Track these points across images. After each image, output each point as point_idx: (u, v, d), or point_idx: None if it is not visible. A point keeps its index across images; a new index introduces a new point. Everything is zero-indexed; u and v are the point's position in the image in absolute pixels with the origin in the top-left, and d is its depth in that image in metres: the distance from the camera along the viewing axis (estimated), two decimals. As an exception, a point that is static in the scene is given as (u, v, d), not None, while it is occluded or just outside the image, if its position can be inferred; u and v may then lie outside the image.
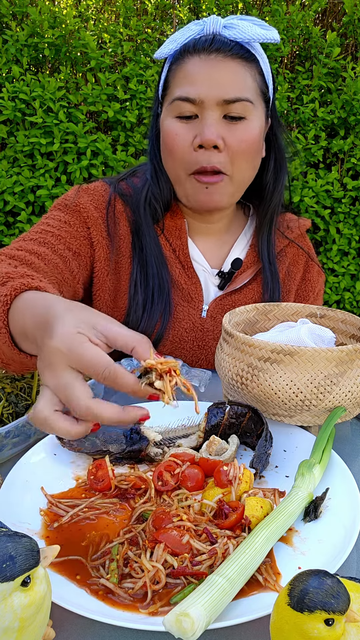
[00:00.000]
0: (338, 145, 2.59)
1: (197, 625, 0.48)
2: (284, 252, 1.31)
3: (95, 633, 0.54)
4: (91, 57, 2.40)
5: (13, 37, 2.35)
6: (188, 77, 1.06)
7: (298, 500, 0.67)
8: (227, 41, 1.05)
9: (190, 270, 1.22)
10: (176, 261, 1.22)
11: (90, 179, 2.52)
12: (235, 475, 0.71)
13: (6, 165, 2.43)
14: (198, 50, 1.05)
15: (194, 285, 1.22)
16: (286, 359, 0.81)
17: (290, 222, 1.33)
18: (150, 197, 1.19)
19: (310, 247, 1.38)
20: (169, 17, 2.65)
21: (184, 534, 0.62)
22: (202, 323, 1.22)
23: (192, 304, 1.22)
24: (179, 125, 1.08)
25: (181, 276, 1.22)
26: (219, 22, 1.05)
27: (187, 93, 1.05)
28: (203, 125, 1.05)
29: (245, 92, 1.06)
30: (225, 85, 1.04)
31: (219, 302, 1.23)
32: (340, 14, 2.71)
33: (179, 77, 1.07)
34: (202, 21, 1.07)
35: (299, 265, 1.33)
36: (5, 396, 0.89)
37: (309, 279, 1.33)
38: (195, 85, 1.04)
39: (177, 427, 0.89)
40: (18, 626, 0.43)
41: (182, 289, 1.22)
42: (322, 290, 1.38)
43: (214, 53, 1.04)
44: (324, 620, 0.43)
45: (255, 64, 1.09)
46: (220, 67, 1.04)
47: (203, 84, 1.04)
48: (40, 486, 0.74)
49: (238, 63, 1.05)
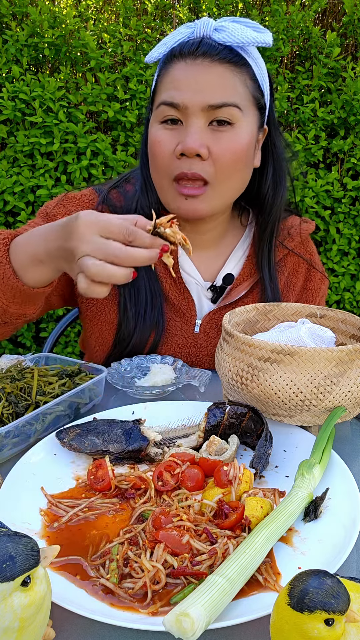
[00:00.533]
0: (338, 145, 2.58)
1: (197, 625, 0.48)
2: (283, 262, 1.26)
3: (95, 633, 0.54)
4: (91, 57, 2.40)
5: (13, 37, 2.35)
6: (174, 82, 1.02)
7: (298, 500, 0.67)
8: (214, 44, 1.01)
9: (181, 285, 1.18)
10: (166, 275, 1.17)
11: (90, 179, 2.52)
12: (235, 475, 0.71)
13: (6, 165, 2.43)
14: (184, 55, 1.01)
15: (186, 299, 1.18)
16: (286, 359, 0.81)
17: (291, 229, 1.27)
18: (139, 211, 1.15)
19: (313, 252, 1.32)
20: (168, 17, 2.65)
21: (184, 534, 0.62)
22: (195, 339, 1.19)
23: (184, 318, 1.19)
24: (163, 131, 1.04)
25: (172, 290, 1.18)
26: (209, 25, 1.01)
27: (171, 98, 1.01)
28: (186, 133, 1.01)
29: (233, 97, 1.01)
30: (211, 90, 1.00)
31: (212, 316, 1.19)
32: (340, 14, 2.71)
33: (166, 82, 1.04)
34: (193, 23, 1.03)
35: (299, 274, 1.28)
36: (5, 396, 0.89)
37: (310, 287, 1.29)
38: (180, 90, 1.01)
39: (177, 427, 0.89)
40: (18, 626, 0.43)
41: (174, 304, 1.18)
42: (324, 296, 1.33)
43: (200, 57, 1.00)
44: (324, 620, 0.43)
45: (247, 68, 1.04)
46: (206, 72, 1.00)
47: (188, 88, 1.00)
48: (40, 486, 0.74)
49: (226, 68, 1.01)
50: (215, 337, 1.20)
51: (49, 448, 0.82)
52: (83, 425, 0.84)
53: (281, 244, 1.24)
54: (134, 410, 0.93)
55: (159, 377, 1.03)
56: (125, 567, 0.60)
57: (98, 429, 0.83)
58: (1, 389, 0.90)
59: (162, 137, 1.04)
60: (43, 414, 0.87)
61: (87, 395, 0.96)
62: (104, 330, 1.21)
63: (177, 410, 0.93)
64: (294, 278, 1.27)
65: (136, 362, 1.12)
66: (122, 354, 1.17)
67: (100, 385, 0.99)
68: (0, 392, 0.90)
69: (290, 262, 1.27)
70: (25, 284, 0.94)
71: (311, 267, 1.29)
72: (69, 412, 0.93)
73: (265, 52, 2.54)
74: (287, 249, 1.25)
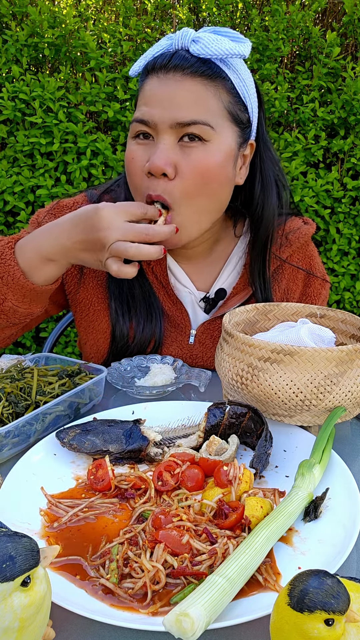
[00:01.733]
0: (338, 145, 2.58)
1: (197, 625, 0.48)
2: (280, 270, 1.22)
3: (95, 633, 0.55)
4: (91, 57, 2.40)
5: (13, 37, 2.35)
6: (145, 98, 1.00)
7: (298, 500, 0.67)
8: (188, 57, 0.96)
9: (173, 296, 1.16)
10: (159, 286, 1.16)
11: (90, 179, 2.52)
12: (235, 475, 0.71)
13: (6, 165, 2.43)
14: (157, 69, 0.98)
15: (179, 310, 1.17)
16: (286, 359, 0.81)
17: (290, 234, 1.21)
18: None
19: (313, 256, 1.27)
20: (168, 17, 2.65)
21: (183, 534, 0.62)
22: (190, 349, 1.18)
23: (179, 329, 1.17)
24: (137, 147, 1.01)
25: (165, 302, 1.16)
26: (187, 36, 0.97)
27: (142, 115, 0.99)
28: (154, 151, 0.97)
29: (203, 114, 0.97)
30: (180, 107, 0.96)
31: (207, 326, 1.18)
32: (340, 14, 2.71)
33: (140, 97, 1.02)
34: (173, 35, 1.00)
35: (297, 281, 1.24)
36: (5, 396, 0.89)
37: (309, 293, 1.25)
38: (150, 106, 0.98)
39: (177, 427, 0.89)
40: (18, 626, 0.43)
41: (168, 315, 1.17)
42: (325, 300, 1.28)
43: (171, 71, 0.96)
44: (324, 620, 0.43)
45: (223, 81, 0.99)
46: (177, 87, 0.96)
47: (157, 105, 0.97)
48: (40, 486, 0.74)
49: (197, 82, 0.96)
50: (211, 347, 1.18)
51: (49, 448, 0.82)
52: (83, 425, 0.84)
53: (275, 255, 1.19)
54: (134, 410, 0.93)
55: (159, 377, 1.03)
56: (125, 567, 0.60)
57: (98, 429, 0.83)
58: (1, 389, 0.90)
59: (135, 152, 1.02)
60: (43, 414, 0.87)
61: (87, 395, 0.96)
62: (98, 339, 1.21)
63: (177, 410, 0.93)
64: (292, 285, 1.24)
65: (136, 362, 1.12)
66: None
67: (100, 385, 0.99)
68: (0, 392, 0.90)
69: (288, 270, 1.23)
70: (34, 283, 0.99)
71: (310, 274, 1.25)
72: (69, 412, 0.93)
73: (265, 52, 2.54)
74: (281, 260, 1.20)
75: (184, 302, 1.18)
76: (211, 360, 1.19)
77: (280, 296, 1.22)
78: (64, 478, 0.77)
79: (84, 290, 1.20)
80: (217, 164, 0.99)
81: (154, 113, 0.97)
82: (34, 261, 0.98)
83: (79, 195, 1.23)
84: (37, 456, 0.79)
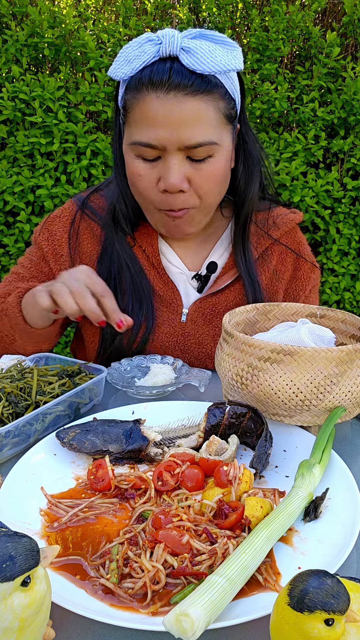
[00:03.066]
0: (338, 145, 2.58)
1: (197, 625, 0.48)
2: (269, 251, 1.25)
3: (95, 633, 0.54)
4: (90, 57, 2.40)
5: (13, 37, 2.35)
6: (147, 120, 0.99)
7: (298, 500, 0.67)
8: (186, 73, 0.96)
9: (165, 276, 1.20)
10: (151, 268, 1.20)
11: (90, 178, 2.52)
12: (235, 475, 0.71)
13: (6, 165, 2.43)
14: (155, 86, 0.96)
15: (171, 290, 1.21)
16: (286, 359, 0.81)
17: (277, 218, 1.27)
18: (117, 214, 1.18)
19: (302, 242, 1.30)
20: (168, 17, 2.65)
21: (183, 534, 0.62)
22: (183, 327, 1.20)
23: (171, 308, 1.21)
24: (143, 165, 1.04)
25: (157, 282, 1.20)
26: (175, 43, 0.95)
27: (147, 139, 0.99)
28: (166, 169, 1.00)
29: (209, 134, 1.00)
30: (187, 130, 0.97)
31: (198, 305, 1.21)
32: (340, 14, 2.71)
33: (138, 115, 1.00)
34: (157, 38, 0.96)
35: (287, 263, 1.27)
36: (5, 396, 0.89)
37: (299, 277, 1.28)
38: (155, 129, 0.98)
39: (177, 427, 0.89)
40: (18, 626, 0.43)
41: (160, 295, 1.20)
42: (316, 286, 1.32)
43: (172, 91, 0.96)
44: (324, 620, 0.43)
45: (219, 89, 1.00)
46: (180, 107, 0.96)
47: (164, 128, 0.97)
48: (40, 486, 0.74)
49: (199, 99, 0.97)
50: (202, 324, 1.21)
51: (49, 448, 0.82)
52: (83, 425, 0.84)
53: (266, 234, 1.24)
54: (134, 410, 0.93)
55: (159, 377, 1.03)
56: (125, 567, 0.60)
57: (98, 429, 0.83)
58: (1, 389, 0.90)
59: (142, 171, 1.04)
60: (43, 414, 0.87)
61: (87, 395, 0.96)
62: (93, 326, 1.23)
63: (177, 410, 0.93)
64: (282, 267, 1.27)
65: (136, 362, 1.12)
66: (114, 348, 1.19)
67: (100, 385, 0.99)
68: (0, 392, 0.90)
69: (277, 252, 1.26)
70: (33, 327, 1.11)
71: (299, 256, 1.28)
72: (69, 412, 0.93)
73: (265, 52, 2.55)
74: (272, 238, 1.25)
75: (176, 282, 1.22)
76: (203, 337, 1.21)
77: (269, 277, 1.25)
78: (64, 478, 0.77)
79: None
80: (222, 170, 1.07)
81: (161, 136, 0.98)
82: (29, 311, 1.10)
83: (67, 202, 1.28)
84: (37, 456, 0.79)
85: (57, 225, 1.24)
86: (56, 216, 1.26)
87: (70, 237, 1.23)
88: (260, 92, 2.55)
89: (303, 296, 1.29)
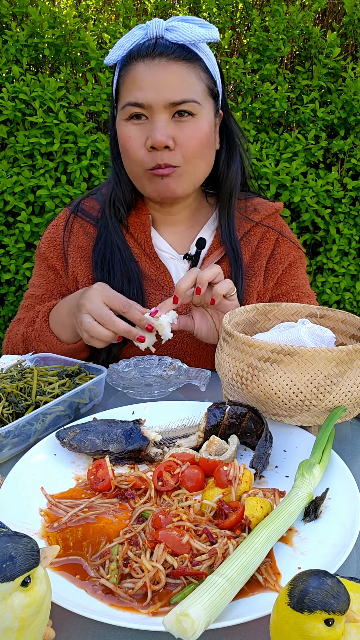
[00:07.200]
0: (338, 146, 2.58)
1: (197, 625, 0.48)
2: (251, 233, 1.32)
3: (95, 633, 0.55)
4: (91, 57, 2.40)
5: (13, 37, 2.35)
6: (136, 83, 1.11)
7: (298, 500, 0.67)
8: (169, 44, 1.10)
9: (157, 261, 1.27)
10: (143, 254, 1.28)
11: (90, 179, 2.52)
12: (235, 475, 0.71)
13: (6, 165, 2.43)
14: (142, 56, 1.11)
15: (163, 274, 1.27)
16: (286, 359, 0.81)
17: (257, 205, 1.36)
18: (114, 198, 1.27)
19: (283, 225, 1.38)
20: (168, 17, 2.65)
21: (183, 534, 0.62)
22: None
23: (163, 291, 1.27)
24: (132, 127, 1.14)
25: (149, 268, 1.27)
26: (161, 25, 1.10)
27: (135, 98, 1.11)
28: (153, 128, 1.11)
29: (191, 93, 1.12)
30: (171, 89, 1.10)
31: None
32: (340, 14, 2.71)
33: (128, 83, 1.13)
34: (145, 25, 1.12)
35: (269, 242, 1.33)
36: (5, 396, 0.89)
37: (278, 252, 1.33)
38: (143, 91, 1.10)
39: (177, 427, 0.89)
40: (18, 626, 0.43)
41: (152, 280, 1.27)
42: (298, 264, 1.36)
43: (157, 57, 1.10)
44: (324, 620, 0.43)
45: (199, 62, 1.13)
46: (165, 71, 1.10)
47: (150, 88, 1.10)
48: (40, 486, 0.74)
49: (182, 65, 1.11)
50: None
51: (49, 448, 0.82)
52: (83, 425, 0.84)
53: (246, 218, 1.33)
54: (134, 410, 0.93)
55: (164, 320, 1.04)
56: (125, 567, 0.60)
57: (98, 429, 0.83)
58: (1, 389, 0.90)
59: (131, 132, 1.14)
60: (43, 414, 0.87)
61: (87, 395, 0.96)
62: None
63: (177, 410, 0.93)
64: (263, 245, 1.33)
65: (134, 362, 1.12)
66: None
67: (100, 385, 0.99)
68: (0, 392, 0.90)
69: (259, 233, 1.33)
70: (64, 342, 1.18)
71: (280, 234, 1.34)
72: (69, 412, 0.93)
73: (265, 52, 2.54)
74: (252, 221, 1.33)
75: (168, 266, 1.29)
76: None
77: (251, 255, 1.31)
78: (64, 478, 0.77)
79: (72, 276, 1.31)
80: (206, 133, 1.16)
81: (148, 96, 1.10)
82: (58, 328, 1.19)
83: (62, 210, 1.39)
84: (37, 456, 0.79)
85: (56, 232, 1.34)
86: (53, 225, 1.36)
87: (63, 235, 1.31)
88: (261, 92, 2.55)
89: (281, 269, 1.33)
